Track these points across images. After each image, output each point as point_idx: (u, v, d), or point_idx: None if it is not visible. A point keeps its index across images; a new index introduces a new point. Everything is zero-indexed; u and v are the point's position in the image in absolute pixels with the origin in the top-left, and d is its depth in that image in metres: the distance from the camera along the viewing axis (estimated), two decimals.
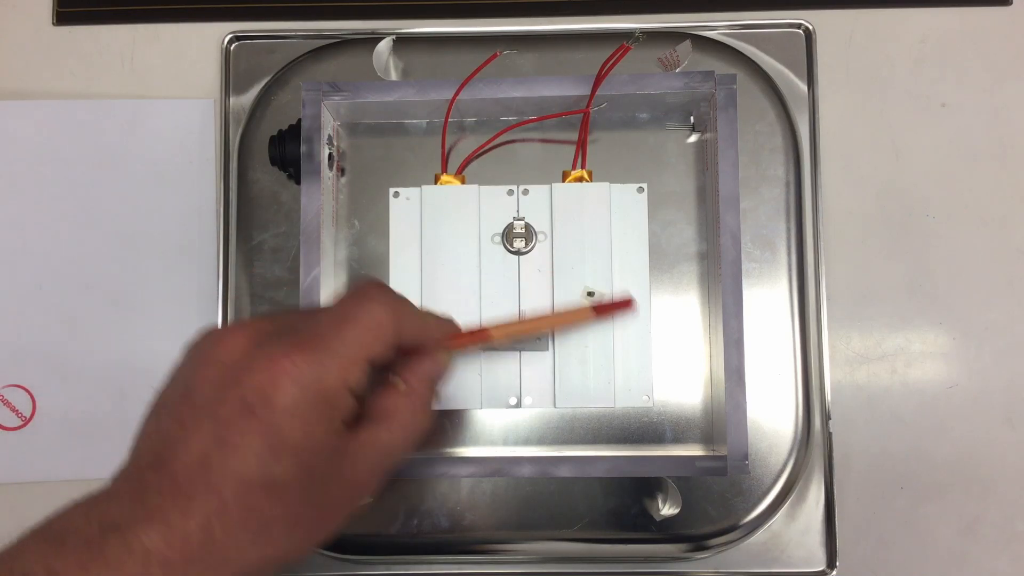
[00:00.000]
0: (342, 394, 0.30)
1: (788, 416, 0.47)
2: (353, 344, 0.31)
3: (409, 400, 0.33)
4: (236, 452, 0.28)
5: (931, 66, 0.51)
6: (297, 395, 0.29)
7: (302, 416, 0.29)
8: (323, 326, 0.31)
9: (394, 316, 0.32)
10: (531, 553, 0.47)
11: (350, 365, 0.30)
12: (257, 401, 0.29)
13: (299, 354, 0.29)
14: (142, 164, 0.51)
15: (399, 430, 0.32)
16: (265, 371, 0.29)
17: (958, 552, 0.48)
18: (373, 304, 0.32)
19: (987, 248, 0.50)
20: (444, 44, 0.51)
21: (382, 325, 0.32)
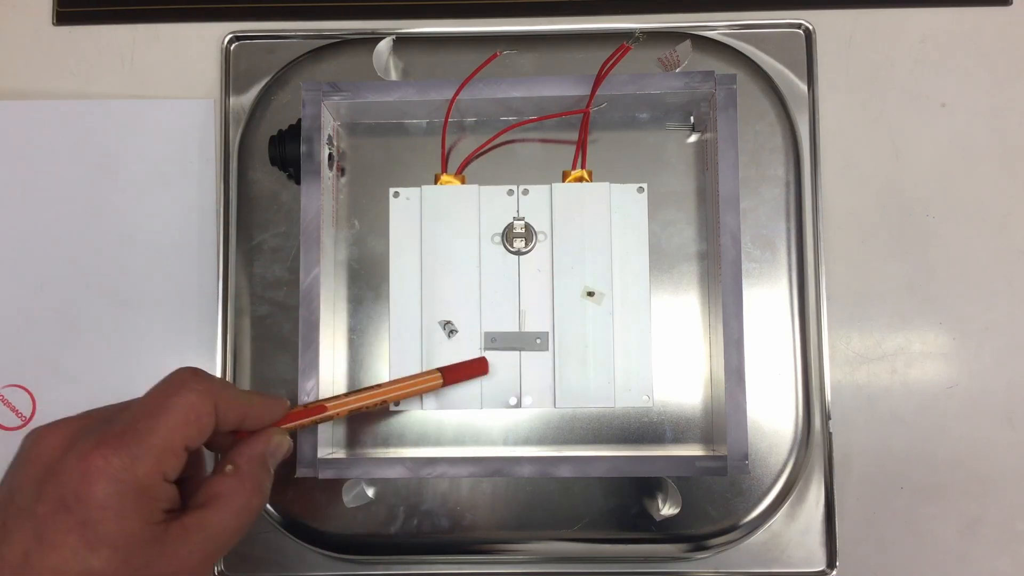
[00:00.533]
0: (157, 484, 0.31)
1: (788, 416, 0.47)
2: (166, 434, 0.31)
3: (237, 481, 0.34)
4: (54, 549, 0.29)
5: (931, 66, 0.51)
6: (110, 490, 0.30)
7: (116, 509, 0.30)
8: (136, 418, 0.31)
9: (211, 400, 0.33)
10: (531, 553, 0.47)
11: (163, 455, 0.31)
12: (72, 498, 0.29)
13: (110, 449, 0.30)
14: (142, 164, 0.51)
15: (227, 512, 0.33)
16: (77, 468, 0.30)
17: (958, 552, 0.48)
18: (186, 391, 0.32)
19: (987, 248, 0.50)
20: (444, 44, 0.51)
21: (197, 411, 0.32)
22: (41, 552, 0.29)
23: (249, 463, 0.34)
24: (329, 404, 0.40)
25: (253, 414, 0.35)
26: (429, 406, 0.45)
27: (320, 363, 0.43)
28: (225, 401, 0.33)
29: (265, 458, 0.35)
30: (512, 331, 0.45)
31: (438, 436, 0.47)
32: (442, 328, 0.45)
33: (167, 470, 0.31)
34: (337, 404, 0.40)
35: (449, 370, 0.43)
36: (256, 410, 0.35)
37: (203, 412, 0.32)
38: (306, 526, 0.47)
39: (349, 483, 0.45)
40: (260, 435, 0.35)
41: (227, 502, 0.33)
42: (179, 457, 0.32)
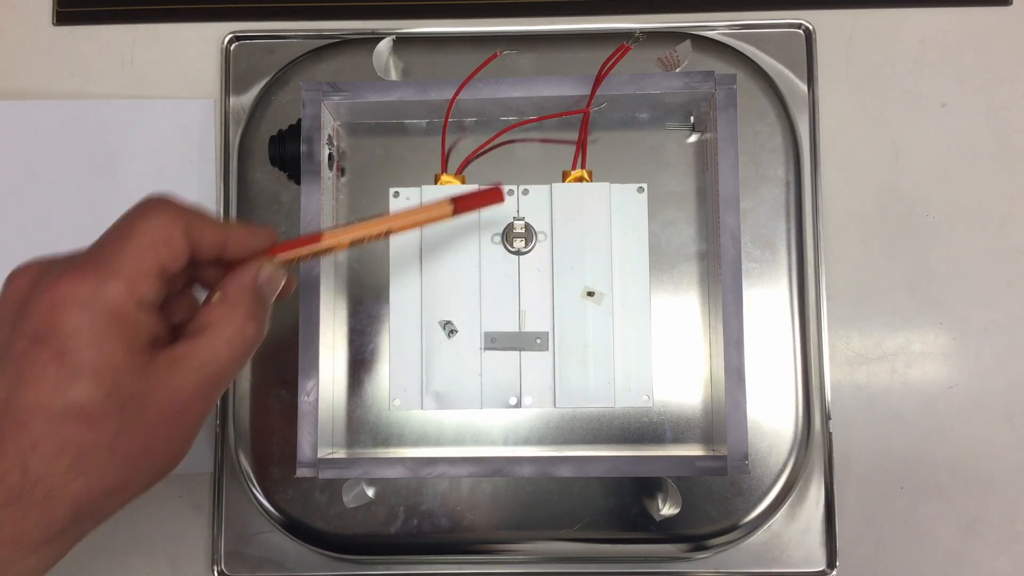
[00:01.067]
0: (133, 310, 0.29)
1: (788, 416, 0.47)
2: (134, 256, 0.30)
3: (226, 309, 0.32)
4: (34, 384, 0.28)
5: (931, 66, 0.51)
6: (83, 316, 0.28)
7: (92, 336, 0.28)
8: (102, 245, 0.30)
9: (180, 222, 0.31)
10: (531, 553, 0.47)
11: (135, 278, 0.30)
12: (45, 330, 0.28)
13: (78, 276, 0.29)
14: (142, 164, 0.51)
15: (218, 340, 0.31)
16: (46, 299, 0.29)
17: (958, 552, 0.48)
18: (153, 214, 0.31)
19: (987, 248, 0.50)
20: (444, 44, 0.51)
21: (166, 232, 0.31)
22: (21, 389, 0.28)
23: (238, 290, 0.33)
24: (327, 233, 0.37)
25: (234, 240, 0.33)
26: (429, 406, 0.45)
27: (320, 363, 0.43)
28: (199, 224, 0.32)
29: (256, 287, 0.33)
30: (512, 331, 0.45)
31: (438, 436, 0.47)
32: (442, 328, 0.45)
33: (141, 295, 0.30)
34: (336, 233, 0.37)
35: (461, 198, 0.39)
36: (237, 236, 0.33)
37: (173, 233, 0.31)
38: (306, 526, 0.47)
39: (349, 483, 0.45)
40: (249, 263, 0.34)
41: (217, 330, 0.31)
42: (152, 281, 0.30)
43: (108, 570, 0.49)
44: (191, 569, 0.49)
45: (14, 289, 0.30)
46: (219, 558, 0.48)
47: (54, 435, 0.28)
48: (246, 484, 0.48)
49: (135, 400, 0.29)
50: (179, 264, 0.31)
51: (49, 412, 0.28)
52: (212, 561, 0.48)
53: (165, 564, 0.49)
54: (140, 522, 0.49)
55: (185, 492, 0.49)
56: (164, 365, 0.30)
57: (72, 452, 0.28)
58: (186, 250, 0.31)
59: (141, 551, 0.49)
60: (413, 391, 0.45)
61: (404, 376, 0.45)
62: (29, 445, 0.28)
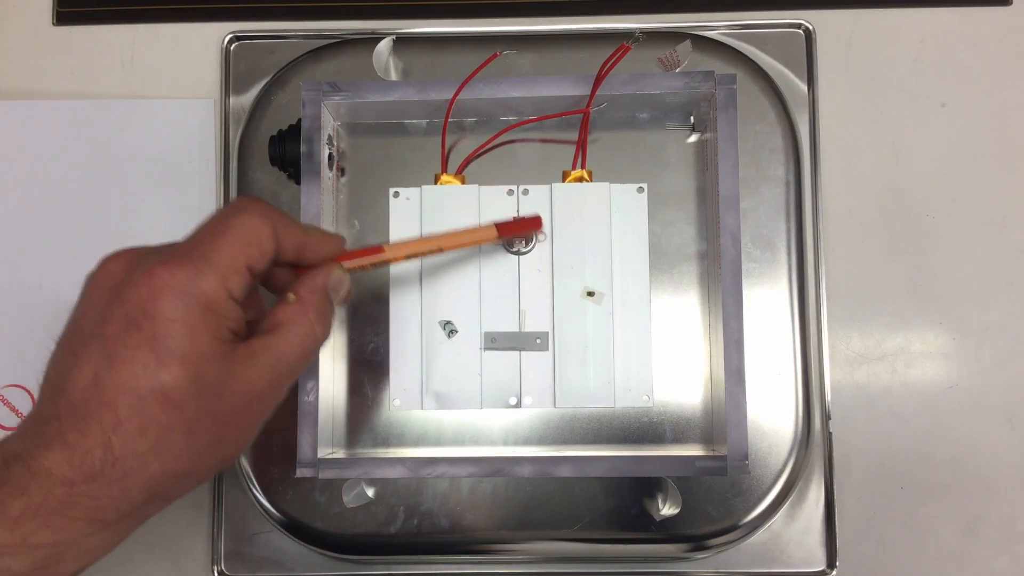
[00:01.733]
0: (224, 301, 0.31)
1: (788, 416, 0.47)
2: (228, 252, 0.31)
3: (300, 309, 0.34)
4: (124, 366, 0.29)
5: (931, 66, 0.51)
6: (177, 304, 0.30)
7: (185, 324, 0.30)
8: (198, 239, 0.32)
9: (270, 224, 0.33)
10: (531, 553, 0.47)
11: (228, 272, 0.31)
12: (139, 314, 0.29)
13: (176, 265, 0.30)
14: (142, 164, 0.51)
15: (292, 337, 0.33)
16: (144, 285, 0.30)
17: (958, 552, 0.48)
18: (246, 215, 0.32)
19: (987, 248, 0.50)
20: (444, 44, 0.51)
21: (257, 232, 0.32)
22: (111, 370, 0.29)
23: (311, 292, 0.34)
24: (387, 247, 0.39)
25: (312, 244, 0.35)
26: (429, 406, 0.45)
27: (320, 363, 0.43)
28: (284, 226, 0.34)
29: (326, 290, 0.35)
30: (512, 331, 0.45)
31: (438, 436, 0.47)
32: (442, 328, 0.45)
33: (232, 288, 0.31)
34: (395, 248, 0.39)
35: (503, 226, 0.43)
36: (315, 240, 0.35)
37: (263, 234, 0.32)
38: (306, 526, 0.47)
39: (349, 483, 0.45)
40: (321, 268, 0.35)
41: (291, 328, 0.33)
42: (243, 276, 0.32)
43: (108, 570, 0.49)
44: (191, 569, 0.49)
45: (106, 275, 0.32)
46: (219, 558, 0.48)
47: (138, 416, 0.29)
48: (246, 484, 0.48)
49: (215, 388, 0.30)
50: (266, 262, 0.33)
51: (135, 393, 0.29)
52: (212, 561, 0.48)
53: (165, 564, 0.49)
54: None
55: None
56: (244, 357, 0.31)
57: (153, 434, 0.29)
58: (273, 250, 0.33)
59: (141, 551, 0.49)
60: (413, 391, 0.45)
61: (404, 376, 0.45)
62: (114, 424, 0.29)
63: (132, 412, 0.29)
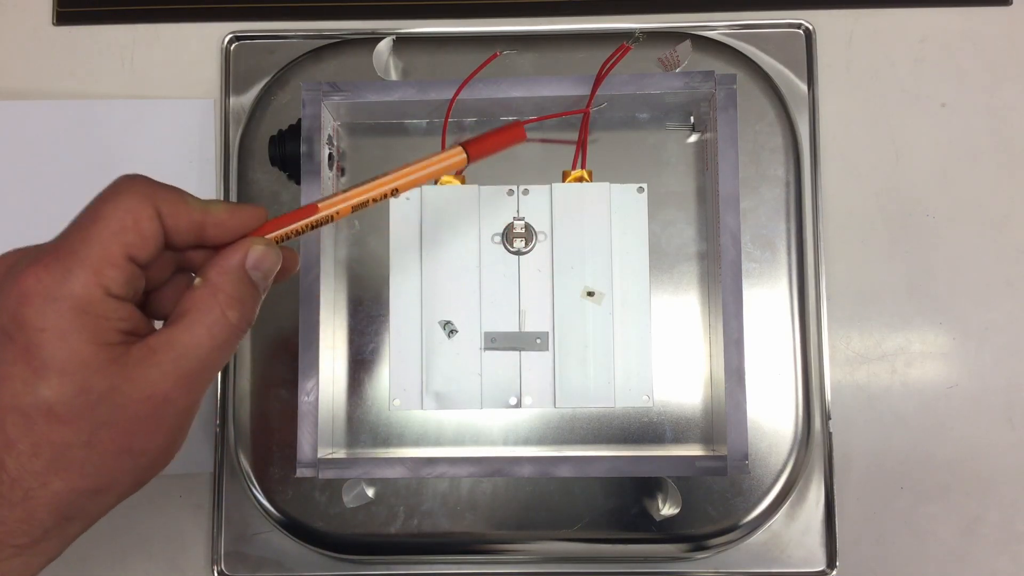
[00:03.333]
0: (101, 301, 0.28)
1: (788, 416, 0.47)
2: (100, 244, 0.28)
3: (207, 293, 0.30)
4: (4, 381, 0.27)
5: (931, 66, 0.51)
6: (46, 311, 0.27)
7: (57, 330, 0.27)
8: (68, 233, 0.29)
9: (150, 204, 0.29)
10: (531, 553, 0.47)
11: (101, 267, 0.28)
12: (11, 325, 0.27)
13: (41, 268, 0.28)
14: (142, 164, 0.51)
15: (198, 328, 0.29)
16: (12, 293, 0.27)
17: (958, 552, 0.48)
18: (121, 196, 0.29)
19: (987, 248, 0.50)
20: (444, 44, 0.51)
21: (134, 216, 0.29)
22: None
23: (220, 274, 0.30)
24: (322, 203, 0.33)
25: (214, 221, 0.31)
26: (429, 406, 0.45)
27: (320, 363, 0.43)
28: (173, 205, 0.30)
29: (242, 269, 0.31)
30: (512, 331, 0.45)
31: (438, 436, 0.47)
32: (442, 328, 0.45)
33: (109, 284, 0.28)
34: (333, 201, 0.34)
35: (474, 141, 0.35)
36: (217, 216, 0.31)
37: (142, 216, 0.29)
38: (306, 526, 0.47)
39: (349, 483, 0.45)
40: (234, 245, 0.31)
41: (196, 316, 0.29)
42: (121, 269, 0.28)
43: (108, 570, 0.49)
44: (191, 569, 0.49)
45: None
46: (219, 558, 0.48)
47: (28, 434, 0.27)
48: (246, 484, 0.48)
49: (109, 396, 0.28)
50: (150, 250, 0.29)
51: (21, 411, 0.27)
52: (212, 561, 0.48)
53: (165, 564, 0.49)
54: (140, 522, 0.49)
55: (185, 492, 0.49)
56: (139, 358, 0.28)
57: (48, 451, 0.27)
58: (157, 234, 0.29)
59: (141, 551, 0.49)
60: (413, 391, 0.45)
61: (404, 376, 0.45)
62: (4, 445, 0.27)
63: (20, 431, 0.27)
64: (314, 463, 0.42)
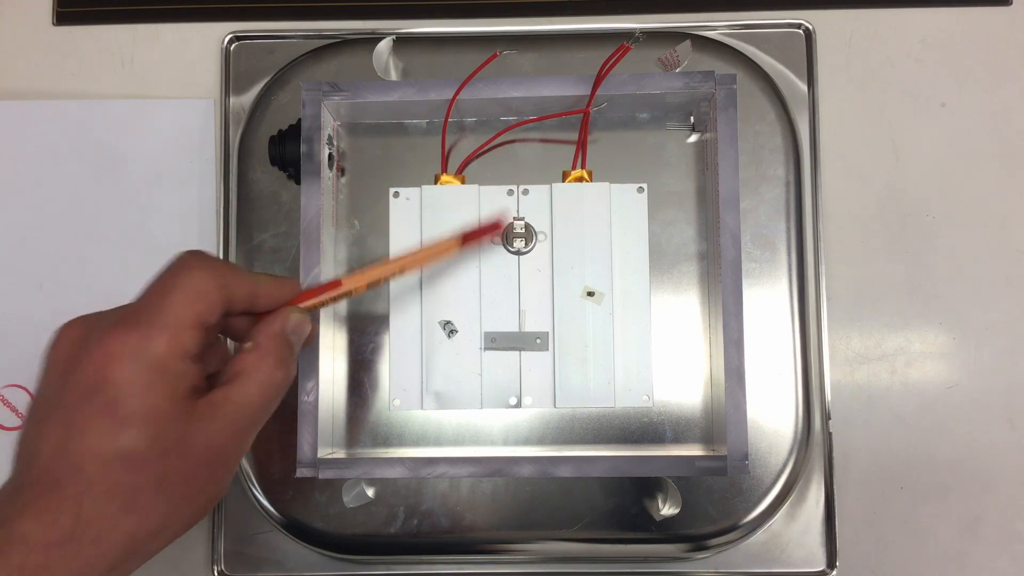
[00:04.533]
0: (177, 360, 0.32)
1: (788, 416, 0.47)
2: (177, 311, 0.32)
3: (258, 356, 0.34)
4: (86, 432, 0.30)
5: (931, 66, 0.51)
6: (131, 368, 0.31)
7: (139, 386, 0.31)
8: (146, 300, 0.33)
9: (216, 278, 0.33)
10: (531, 553, 0.47)
11: (178, 332, 0.32)
12: (95, 382, 0.31)
13: (125, 331, 0.31)
14: (142, 164, 0.51)
15: (251, 386, 0.34)
16: (98, 352, 0.31)
17: (958, 552, 0.48)
18: (191, 271, 0.33)
19: (987, 248, 0.50)
20: (444, 44, 0.51)
21: (204, 288, 0.33)
22: (75, 438, 0.30)
23: (267, 339, 0.35)
24: (345, 279, 0.39)
25: (263, 292, 0.36)
26: (429, 406, 0.45)
27: (320, 363, 0.43)
28: (232, 278, 0.34)
29: (284, 334, 0.36)
30: (512, 331, 0.45)
31: (438, 436, 0.47)
32: (442, 328, 0.45)
33: (184, 346, 0.32)
34: (353, 279, 0.39)
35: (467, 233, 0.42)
36: (265, 288, 0.36)
37: (211, 287, 0.33)
38: (306, 526, 0.47)
39: (349, 483, 0.45)
40: (277, 313, 0.36)
41: (250, 376, 0.34)
42: (194, 333, 0.32)
43: None
44: (191, 569, 0.49)
45: (63, 344, 0.33)
46: (219, 558, 0.48)
47: (105, 480, 0.30)
48: (246, 484, 0.48)
49: (178, 445, 0.31)
50: (216, 316, 0.33)
51: (100, 458, 0.30)
52: (212, 561, 0.48)
53: (165, 564, 0.49)
54: None
55: None
56: (203, 411, 0.32)
57: (121, 495, 0.30)
58: (222, 303, 0.34)
59: None
60: (413, 391, 0.45)
61: (404, 376, 0.45)
62: (83, 488, 0.30)
63: (98, 476, 0.30)
64: (314, 463, 0.42)
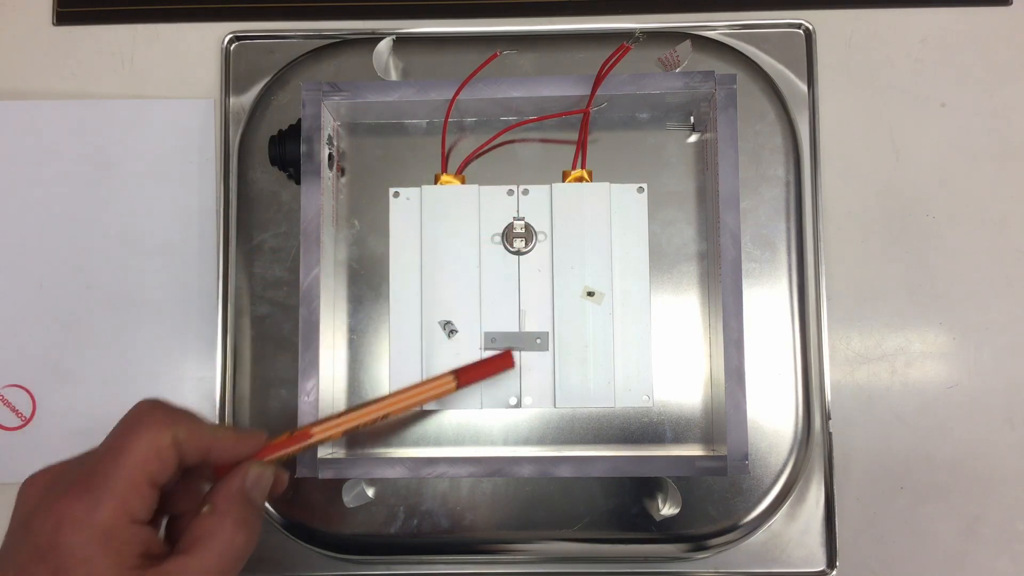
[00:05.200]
0: (125, 528, 0.31)
1: (788, 416, 0.47)
2: (126, 474, 0.31)
3: (215, 520, 0.33)
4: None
5: (931, 66, 0.51)
6: (76, 537, 0.30)
7: (84, 556, 0.30)
8: (96, 461, 0.32)
9: (169, 433, 0.32)
10: (531, 553, 0.47)
11: (128, 497, 0.31)
12: (45, 547, 0.30)
13: (76, 496, 0.31)
14: (142, 164, 0.51)
15: (208, 554, 0.32)
16: (48, 517, 0.30)
17: (958, 552, 0.48)
18: (144, 429, 0.32)
19: (987, 248, 0.50)
20: (444, 44, 0.51)
21: (156, 446, 0.32)
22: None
23: (226, 500, 0.33)
24: (315, 429, 0.37)
25: (220, 446, 0.34)
26: (429, 406, 0.45)
27: (320, 363, 0.43)
28: (186, 432, 0.33)
29: (244, 493, 0.34)
30: (512, 331, 0.45)
31: (438, 436, 0.47)
32: (442, 328, 0.45)
33: (133, 511, 0.31)
34: (326, 427, 0.37)
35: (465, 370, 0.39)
36: (224, 442, 0.34)
37: (162, 445, 0.32)
38: (306, 526, 0.47)
39: (349, 483, 0.45)
40: (236, 470, 0.34)
41: (207, 544, 0.32)
42: (145, 496, 0.31)
43: None
44: None
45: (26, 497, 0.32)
46: None
47: None
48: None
49: None
50: (168, 474, 0.32)
51: None
52: None
53: None
54: None
55: None
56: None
57: None
58: (175, 460, 0.32)
59: None
60: None
61: (404, 376, 0.45)
62: None
63: None
64: (314, 463, 0.42)
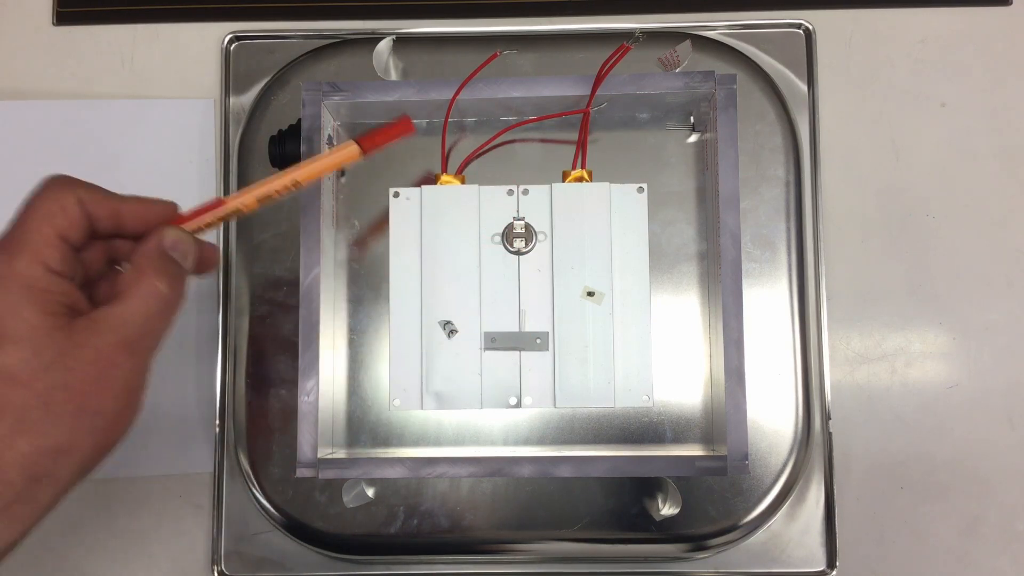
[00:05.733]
0: (44, 276, 0.32)
1: (788, 416, 0.47)
2: (35, 228, 0.33)
3: (135, 273, 0.34)
4: None
5: (931, 66, 0.51)
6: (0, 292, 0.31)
7: (8, 305, 0.31)
8: (9, 226, 0.33)
9: (71, 192, 0.34)
10: (531, 553, 0.47)
11: (40, 247, 0.32)
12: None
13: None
14: (142, 164, 0.51)
15: (133, 300, 0.33)
16: None
17: (958, 552, 0.48)
18: (47, 189, 0.34)
19: (987, 248, 0.50)
20: (444, 44, 0.51)
21: (60, 202, 0.33)
22: None
23: (143, 256, 0.35)
24: (230, 197, 0.38)
25: (128, 209, 0.35)
26: (429, 406, 0.45)
27: (320, 363, 0.43)
28: (88, 192, 0.34)
29: (162, 251, 0.35)
30: (512, 331, 0.45)
31: (438, 436, 0.47)
32: (442, 328, 0.45)
33: (48, 260, 0.32)
34: (238, 195, 0.38)
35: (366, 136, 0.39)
36: (131, 206, 0.35)
37: (66, 202, 0.33)
38: (306, 526, 0.47)
39: (349, 483, 0.45)
40: (151, 232, 0.36)
41: (129, 291, 0.34)
42: (56, 247, 0.33)
43: (109, 570, 0.49)
44: (191, 569, 0.49)
45: None
46: (219, 558, 0.48)
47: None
48: (246, 484, 0.48)
49: (59, 360, 0.31)
50: (78, 231, 0.34)
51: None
52: (212, 561, 0.48)
53: (165, 564, 0.49)
54: (140, 522, 0.49)
55: (185, 492, 0.49)
56: (83, 328, 0.32)
57: (10, 414, 0.31)
58: (81, 218, 0.34)
59: (141, 551, 0.49)
60: (413, 391, 0.45)
61: (404, 376, 0.45)
62: None
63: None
64: (314, 463, 0.42)
